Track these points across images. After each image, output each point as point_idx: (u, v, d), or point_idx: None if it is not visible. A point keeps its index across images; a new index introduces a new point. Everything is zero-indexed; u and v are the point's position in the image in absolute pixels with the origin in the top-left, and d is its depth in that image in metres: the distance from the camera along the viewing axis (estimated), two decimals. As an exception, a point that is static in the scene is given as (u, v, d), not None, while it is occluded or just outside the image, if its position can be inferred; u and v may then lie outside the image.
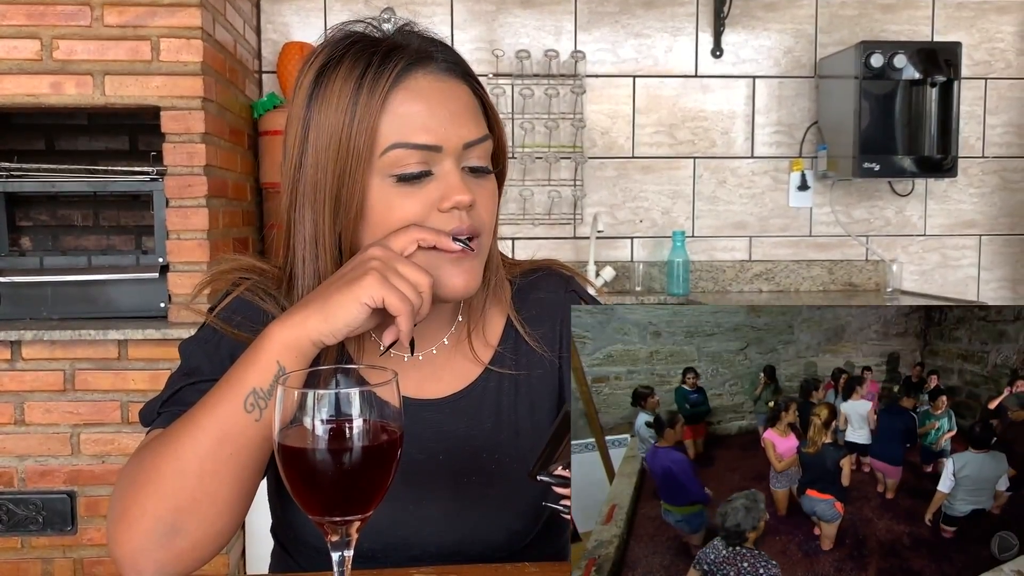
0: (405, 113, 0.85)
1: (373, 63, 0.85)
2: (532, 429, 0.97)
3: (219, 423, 0.77)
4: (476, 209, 0.88)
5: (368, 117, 0.84)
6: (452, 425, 0.95)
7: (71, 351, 2.21)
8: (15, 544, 2.24)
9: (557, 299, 1.03)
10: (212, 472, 0.77)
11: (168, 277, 2.31)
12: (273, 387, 0.77)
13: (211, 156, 2.32)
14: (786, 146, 3.19)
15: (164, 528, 0.76)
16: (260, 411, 0.77)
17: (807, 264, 3.22)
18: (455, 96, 0.88)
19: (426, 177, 0.86)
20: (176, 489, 0.76)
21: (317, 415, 0.65)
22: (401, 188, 0.86)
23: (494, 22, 3.08)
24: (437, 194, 0.86)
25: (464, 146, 0.87)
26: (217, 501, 0.77)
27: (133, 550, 0.76)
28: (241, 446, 0.77)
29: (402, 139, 0.85)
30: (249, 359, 0.79)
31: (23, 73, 2.21)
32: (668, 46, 3.14)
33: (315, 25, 3.01)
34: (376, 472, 0.67)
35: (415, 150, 0.85)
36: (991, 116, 3.24)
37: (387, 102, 0.85)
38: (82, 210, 2.68)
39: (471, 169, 0.89)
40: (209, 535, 0.78)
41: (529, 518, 0.95)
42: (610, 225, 3.14)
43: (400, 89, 0.86)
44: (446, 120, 0.86)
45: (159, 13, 2.22)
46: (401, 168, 0.85)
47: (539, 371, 1.00)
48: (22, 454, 2.23)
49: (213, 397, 0.79)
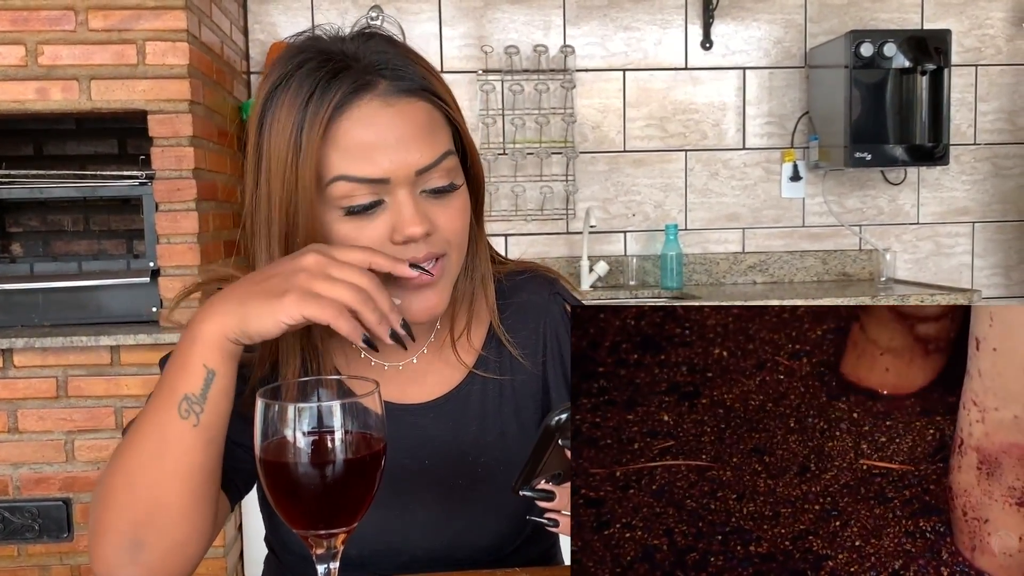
0: (348, 144, 0.81)
1: (318, 87, 0.81)
2: (518, 432, 0.97)
3: (157, 431, 0.75)
4: (438, 231, 0.85)
5: (311, 148, 0.80)
6: (437, 430, 0.95)
7: (63, 358, 2.20)
8: (12, 552, 2.24)
9: (540, 301, 1.03)
10: (158, 482, 0.75)
11: (159, 281, 2.30)
12: (204, 393, 0.75)
13: (200, 159, 2.31)
14: (777, 137, 3.19)
15: (127, 543, 0.75)
16: (196, 416, 0.75)
17: (801, 255, 3.22)
18: (405, 119, 0.83)
19: (378, 206, 0.83)
20: (129, 502, 0.75)
21: (298, 428, 0.64)
22: (352, 221, 0.83)
23: (482, 18, 3.06)
24: (388, 226, 0.83)
25: (416, 173, 0.83)
26: (171, 510, 0.76)
27: (108, 567, 0.76)
28: (182, 452, 0.75)
29: (347, 172, 0.81)
30: (177, 362, 0.76)
31: (8, 79, 2.20)
32: (658, 39, 3.13)
33: (303, 25, 2.99)
34: (360, 484, 0.66)
35: (360, 184, 0.81)
36: (982, 103, 3.23)
37: (329, 132, 0.81)
38: (72, 215, 2.67)
39: (432, 191, 0.85)
40: (173, 544, 0.76)
41: (517, 522, 0.95)
42: (603, 220, 3.13)
43: (343, 118, 0.81)
44: (394, 148, 0.81)
45: (144, 16, 2.21)
46: (349, 201, 0.82)
47: (522, 375, 0.99)
48: (16, 462, 2.22)
49: (151, 405, 0.77)
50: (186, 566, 0.78)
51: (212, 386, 0.75)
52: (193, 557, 0.79)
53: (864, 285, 3.08)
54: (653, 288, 3.09)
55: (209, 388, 0.75)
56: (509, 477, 0.78)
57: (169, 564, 0.77)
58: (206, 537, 0.80)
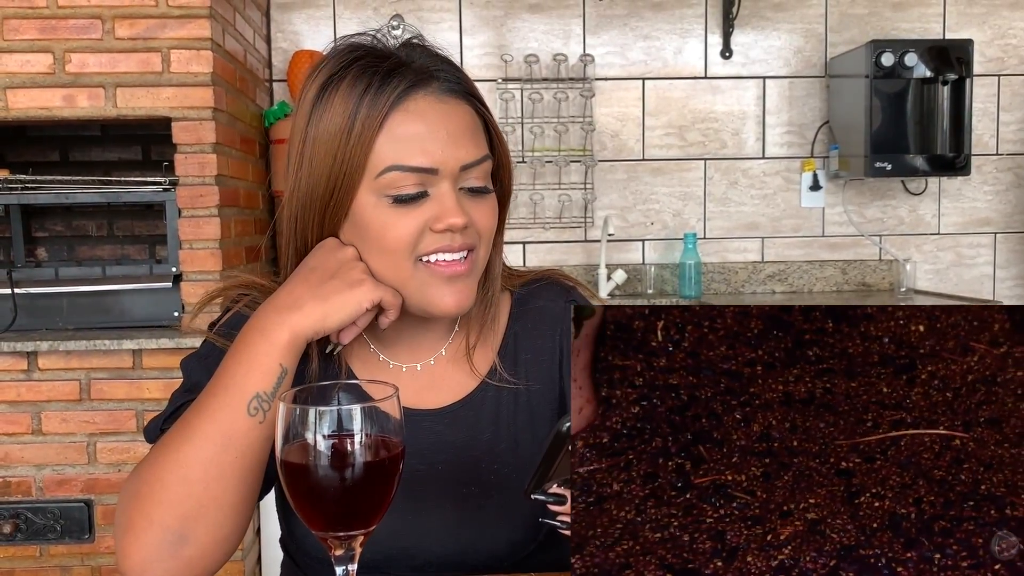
0: (403, 135, 0.86)
1: (374, 82, 0.86)
2: (531, 440, 0.98)
3: (222, 429, 0.78)
4: (472, 226, 0.89)
5: (366, 136, 0.85)
6: (451, 435, 0.96)
7: (86, 361, 2.23)
8: (34, 552, 2.27)
9: (557, 309, 1.03)
10: (217, 477, 0.77)
11: (181, 286, 2.32)
12: (275, 390, 0.80)
13: (222, 166, 2.34)
14: (797, 146, 3.18)
15: (172, 537, 0.77)
16: (263, 413, 0.79)
17: (820, 264, 3.20)
18: (455, 117, 0.88)
19: (422, 198, 0.87)
20: (182, 497, 0.77)
21: (319, 431, 0.65)
22: (397, 208, 0.87)
23: (503, 27, 3.08)
24: (431, 215, 0.87)
25: (461, 168, 0.87)
26: (224, 505, 0.78)
27: (142, 561, 0.77)
28: (245, 448, 0.78)
29: (399, 161, 0.86)
30: (245, 362, 0.80)
31: (36, 87, 2.24)
32: (677, 48, 3.13)
33: (325, 33, 3.02)
34: (378, 487, 0.67)
35: (411, 172, 0.86)
36: (1005, 113, 3.21)
37: (386, 123, 0.86)
38: (96, 220, 2.71)
39: (469, 190, 0.89)
40: (217, 540, 0.78)
41: (530, 529, 0.95)
42: (621, 228, 3.13)
43: (399, 111, 0.86)
44: (444, 142, 0.86)
45: (169, 25, 2.24)
46: (397, 190, 0.86)
47: (538, 384, 1.00)
48: (40, 463, 2.25)
49: (215, 402, 0.80)
50: (222, 561, 0.81)
51: (282, 384, 0.80)
52: (229, 553, 0.81)
53: (884, 295, 3.07)
54: (671, 297, 3.09)
55: (279, 386, 0.79)
56: (522, 484, 0.79)
57: (208, 559, 0.79)
58: (244, 533, 0.82)
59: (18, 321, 2.27)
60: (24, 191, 2.36)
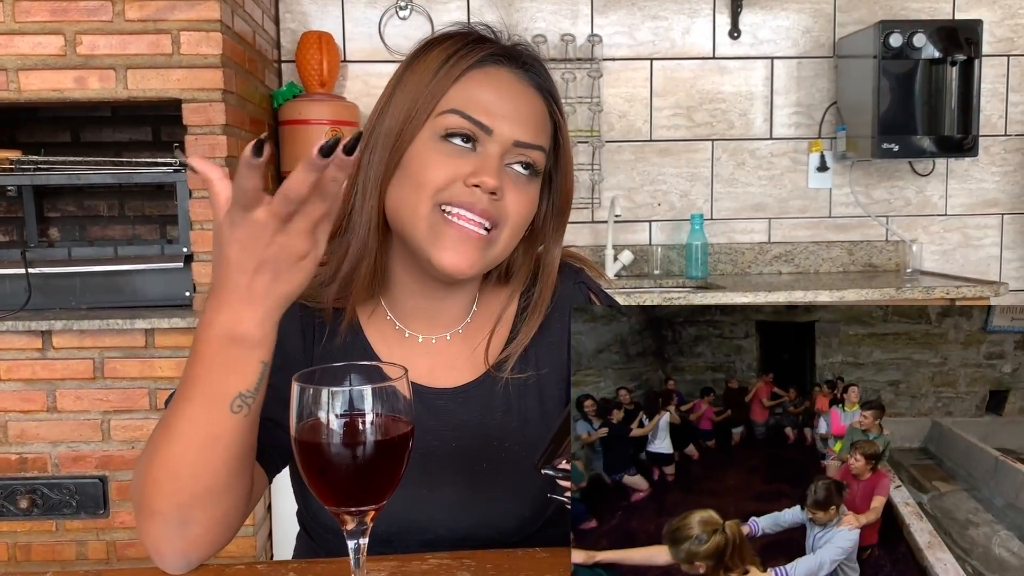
0: (474, 91, 0.92)
1: (468, 45, 0.94)
2: (540, 419, 1.00)
3: (205, 428, 0.76)
4: (503, 201, 0.92)
5: (445, 82, 0.92)
6: (465, 414, 0.99)
7: (100, 340, 2.27)
8: (50, 527, 2.31)
9: (567, 291, 1.05)
10: (206, 471, 0.78)
11: (192, 266, 2.35)
12: (259, 386, 0.76)
13: (232, 147, 2.35)
14: (805, 127, 3.18)
15: (174, 523, 0.79)
16: (248, 407, 0.76)
17: (827, 245, 3.21)
18: (526, 100, 0.94)
19: (471, 143, 0.91)
20: (174, 491, 0.78)
21: (331, 410, 0.68)
22: (442, 147, 0.91)
23: (510, 7, 3.08)
24: (470, 169, 0.90)
25: (514, 143, 0.92)
26: (217, 490, 0.79)
27: (154, 540, 0.81)
28: (231, 441, 0.77)
29: (462, 108, 0.91)
30: (222, 364, 0.74)
31: (48, 69, 2.25)
32: (685, 28, 3.13)
33: (333, 14, 3.02)
34: (389, 464, 0.70)
35: (469, 122, 0.91)
36: (1013, 94, 3.20)
37: (464, 76, 0.92)
38: (108, 200, 2.74)
39: (515, 164, 0.93)
40: (217, 518, 0.80)
41: (539, 506, 0.98)
42: (628, 209, 3.15)
43: (480, 71, 0.93)
44: (507, 113, 0.92)
45: (179, 7, 2.25)
46: (451, 130, 0.91)
47: (548, 365, 1.02)
48: (55, 440, 2.29)
49: (194, 403, 0.76)
50: (228, 534, 0.83)
51: (264, 376, 0.76)
52: (234, 525, 0.84)
53: (890, 276, 3.07)
54: (678, 277, 3.10)
55: (262, 380, 0.76)
56: (530, 463, 0.81)
57: (213, 535, 0.82)
58: (246, 505, 0.84)
59: (32, 300, 2.30)
60: (36, 172, 2.38)
